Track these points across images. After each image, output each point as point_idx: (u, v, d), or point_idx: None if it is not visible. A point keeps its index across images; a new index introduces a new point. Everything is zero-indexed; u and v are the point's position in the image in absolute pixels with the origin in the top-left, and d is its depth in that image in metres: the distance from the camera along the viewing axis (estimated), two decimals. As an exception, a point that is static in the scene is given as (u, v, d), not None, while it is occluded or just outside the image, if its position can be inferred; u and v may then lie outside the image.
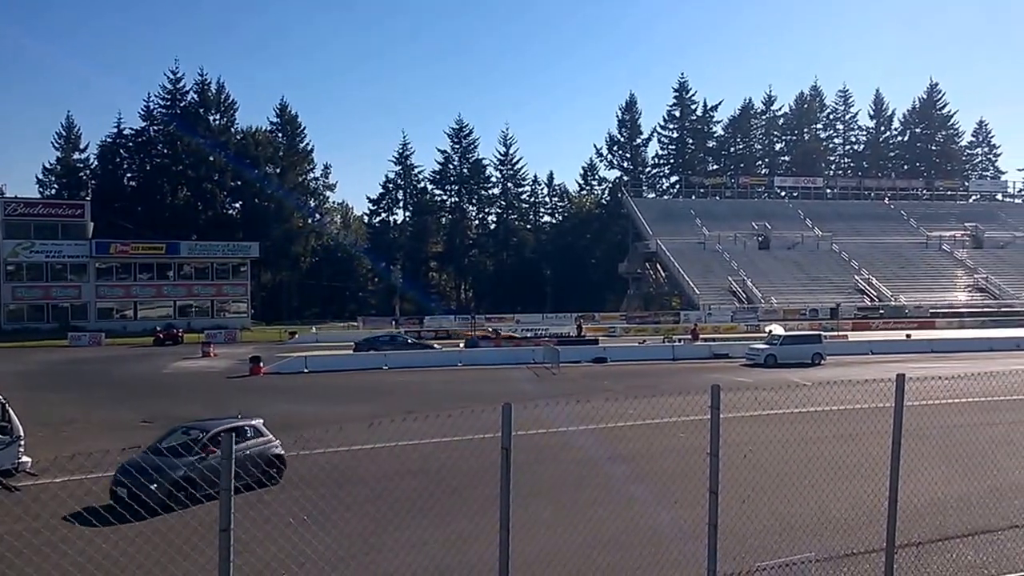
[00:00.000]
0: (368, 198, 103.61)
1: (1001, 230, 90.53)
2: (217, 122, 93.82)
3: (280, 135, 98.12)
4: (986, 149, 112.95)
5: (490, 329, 56.84)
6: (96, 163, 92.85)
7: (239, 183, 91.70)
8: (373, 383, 32.01)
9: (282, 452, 14.16)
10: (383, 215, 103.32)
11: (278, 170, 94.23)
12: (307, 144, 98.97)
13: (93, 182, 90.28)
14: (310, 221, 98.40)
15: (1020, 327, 58.37)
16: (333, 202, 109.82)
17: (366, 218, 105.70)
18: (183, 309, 71.87)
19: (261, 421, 15.08)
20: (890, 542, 7.40)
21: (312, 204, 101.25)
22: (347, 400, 26.87)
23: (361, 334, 60.36)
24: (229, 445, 4.91)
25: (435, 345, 40.07)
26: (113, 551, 9.10)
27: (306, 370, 36.28)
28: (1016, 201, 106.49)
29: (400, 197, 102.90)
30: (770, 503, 10.69)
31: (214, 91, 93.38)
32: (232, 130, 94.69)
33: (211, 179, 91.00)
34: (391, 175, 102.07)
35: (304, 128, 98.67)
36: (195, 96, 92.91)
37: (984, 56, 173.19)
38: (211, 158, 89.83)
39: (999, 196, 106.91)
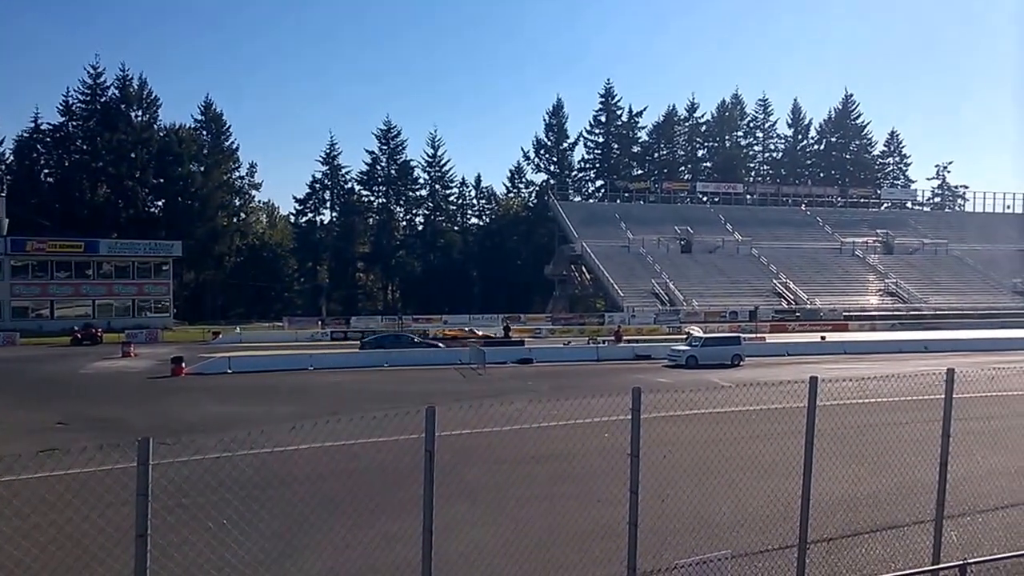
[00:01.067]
0: (295, 198, 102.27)
1: (910, 237, 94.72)
2: (139, 118, 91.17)
3: (204, 133, 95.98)
4: (897, 159, 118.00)
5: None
6: (12, 158, 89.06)
7: (162, 181, 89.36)
8: (298, 384, 31.48)
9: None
10: (310, 215, 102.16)
11: (202, 168, 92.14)
12: (232, 142, 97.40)
13: (8, 178, 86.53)
14: (235, 220, 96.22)
15: (927, 330, 61.21)
16: (259, 201, 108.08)
17: (292, 218, 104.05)
18: (102, 308, 69.37)
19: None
20: (802, 538, 7.67)
21: (237, 203, 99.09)
22: (272, 401, 26.34)
23: (286, 334, 59.45)
24: (146, 451, 4.76)
25: (440, 344, 39.94)
26: (25, 557, 8.71)
27: (230, 370, 35.46)
28: (925, 209, 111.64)
29: (327, 197, 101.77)
30: (690, 501, 10.93)
31: (136, 87, 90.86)
32: (155, 127, 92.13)
33: (132, 176, 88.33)
34: (318, 175, 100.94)
35: (229, 126, 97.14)
36: (116, 92, 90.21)
37: (896, 69, 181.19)
38: (132, 155, 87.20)
39: (909, 204, 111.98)
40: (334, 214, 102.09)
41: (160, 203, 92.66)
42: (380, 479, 13.18)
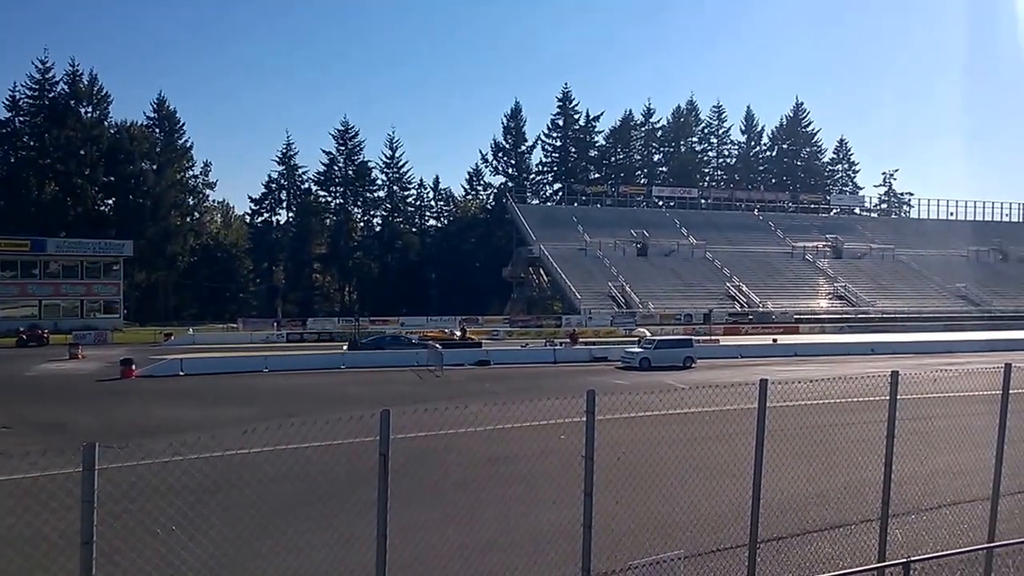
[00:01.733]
0: (250, 198, 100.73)
1: (858, 242, 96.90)
2: (89, 115, 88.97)
3: (157, 130, 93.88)
4: (846, 166, 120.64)
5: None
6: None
7: (112, 179, 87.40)
8: (253, 386, 31.01)
9: None
10: (265, 215, 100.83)
11: (154, 166, 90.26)
12: (186, 140, 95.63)
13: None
14: (188, 219, 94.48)
15: (874, 333, 62.69)
16: (213, 201, 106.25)
17: (248, 218, 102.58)
18: (49, 309, 67.55)
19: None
20: (753, 538, 7.80)
21: (191, 202, 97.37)
22: (225, 403, 25.90)
23: (241, 336, 58.55)
24: (91, 456, 4.67)
25: (437, 346, 39.63)
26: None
27: (182, 373, 34.77)
28: (872, 215, 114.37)
29: (283, 197, 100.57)
30: (644, 502, 11.04)
31: (86, 83, 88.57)
32: (105, 124, 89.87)
33: (82, 174, 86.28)
34: (274, 175, 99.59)
35: (183, 124, 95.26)
36: (65, 87, 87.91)
37: (845, 79, 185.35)
38: (82, 152, 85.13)
39: (857, 210, 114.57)
40: (290, 214, 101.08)
41: (110, 201, 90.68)
42: (335, 483, 13.06)
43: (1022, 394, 9.54)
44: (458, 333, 54.21)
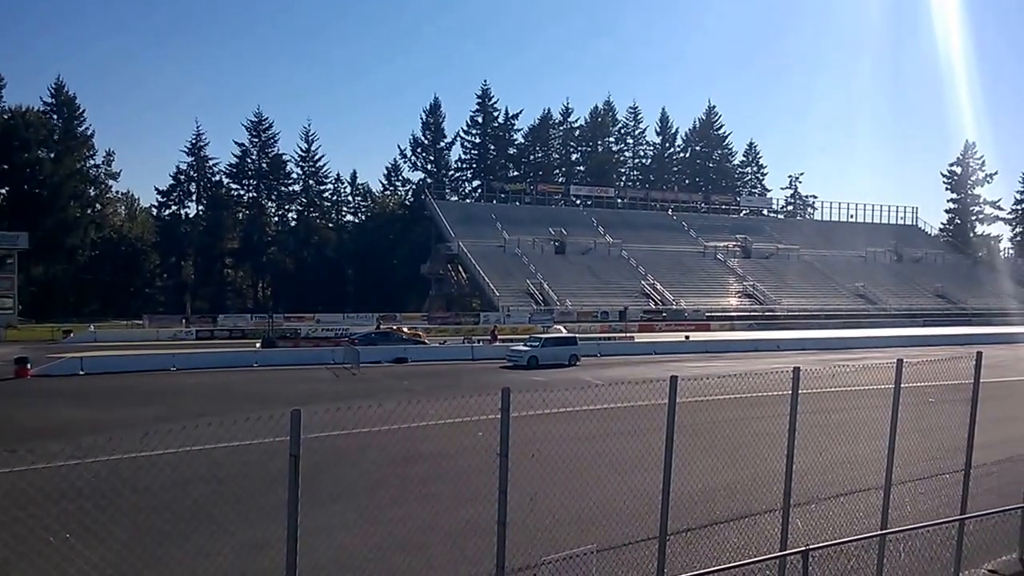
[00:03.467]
0: (157, 189, 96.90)
1: (766, 242, 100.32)
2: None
3: (55, 117, 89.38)
4: (755, 168, 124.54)
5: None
6: None
7: (6, 167, 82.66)
8: (161, 385, 29.98)
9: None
10: (173, 208, 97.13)
11: (52, 155, 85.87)
12: (87, 128, 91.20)
13: None
14: (89, 211, 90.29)
15: (780, 330, 65.10)
16: (116, 192, 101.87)
17: (154, 210, 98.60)
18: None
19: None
20: (663, 530, 8.02)
21: (92, 193, 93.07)
22: (131, 403, 24.92)
23: (147, 333, 56.45)
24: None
25: (425, 340, 38.67)
26: None
27: (82, 372, 33.31)
28: (779, 216, 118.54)
29: (192, 190, 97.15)
30: (559, 498, 11.21)
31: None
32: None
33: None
34: (183, 166, 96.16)
35: (83, 111, 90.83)
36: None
37: (755, 85, 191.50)
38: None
39: (765, 211, 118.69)
40: (200, 207, 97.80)
41: (4, 191, 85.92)
42: (245, 485, 12.78)
43: (913, 388, 10.10)
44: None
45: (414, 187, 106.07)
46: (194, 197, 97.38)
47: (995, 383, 18.84)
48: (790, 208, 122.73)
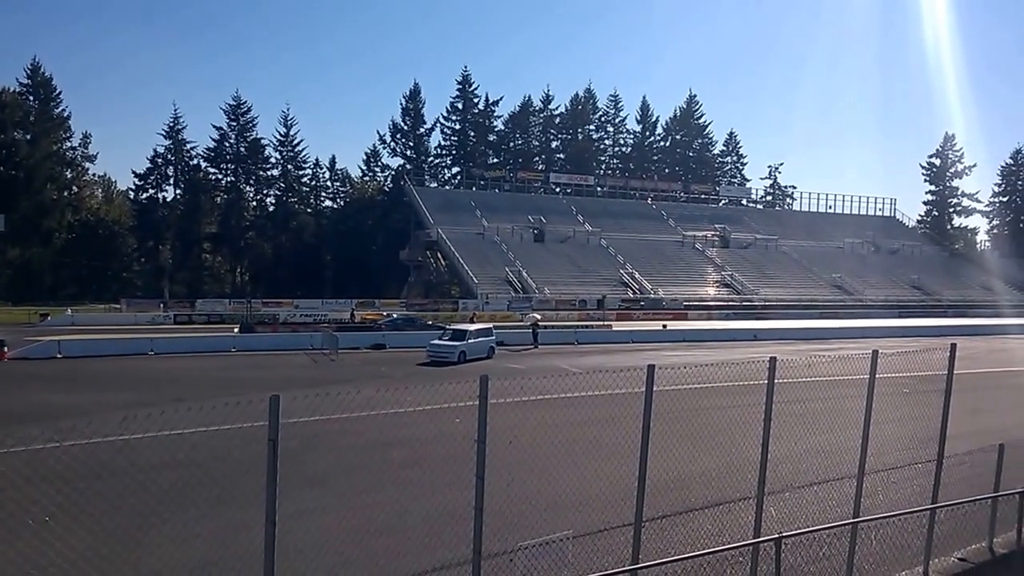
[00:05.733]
0: (134, 173, 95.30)
1: (745, 232, 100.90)
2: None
3: (31, 98, 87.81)
4: (735, 158, 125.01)
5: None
6: None
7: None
8: (139, 369, 29.75)
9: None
10: (151, 192, 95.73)
11: (28, 136, 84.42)
12: (63, 110, 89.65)
13: None
14: (66, 194, 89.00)
15: (757, 319, 65.64)
16: (93, 175, 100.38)
17: (132, 194, 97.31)
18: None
19: None
20: (638, 517, 8.09)
21: (69, 175, 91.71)
22: (108, 387, 24.74)
23: (124, 317, 55.87)
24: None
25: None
26: None
27: (59, 355, 32.97)
28: (758, 207, 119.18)
29: (170, 173, 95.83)
30: (536, 484, 11.27)
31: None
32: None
33: (-55, 142, 79.73)
34: (160, 149, 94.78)
35: (60, 92, 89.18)
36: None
37: (737, 75, 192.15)
38: (-55, 118, 78.65)
39: (744, 201, 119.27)
40: (178, 191, 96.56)
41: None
42: (224, 469, 12.74)
43: (887, 379, 10.23)
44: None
45: (393, 173, 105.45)
46: (172, 181, 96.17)
47: (969, 375, 19.15)
48: (769, 198, 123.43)
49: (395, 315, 49.63)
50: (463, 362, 32.91)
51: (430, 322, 47.30)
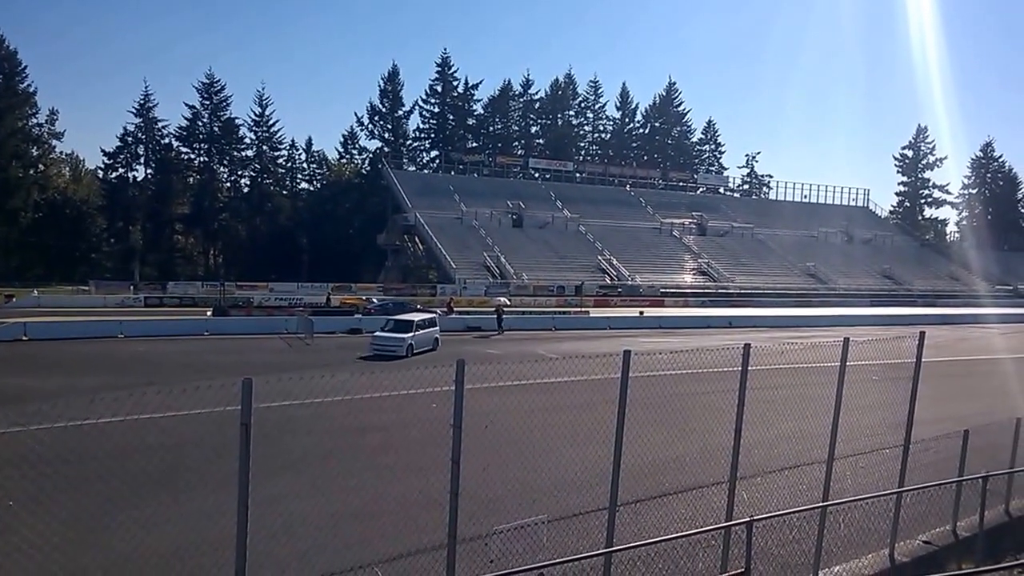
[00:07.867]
0: (103, 151, 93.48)
1: (722, 220, 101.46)
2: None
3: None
4: (713, 147, 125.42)
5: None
6: None
7: (-59, 124, 79.28)
8: (108, 352, 29.41)
9: None
10: (121, 171, 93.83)
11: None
12: (29, 85, 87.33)
13: None
14: (32, 172, 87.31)
15: (733, 307, 66.18)
16: (61, 152, 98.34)
17: (100, 173, 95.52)
18: None
19: None
20: (613, 501, 8.17)
21: (34, 153, 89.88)
22: (76, 371, 24.43)
23: (93, 299, 55.13)
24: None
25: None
26: None
27: (25, 337, 32.50)
28: (735, 195, 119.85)
29: (141, 152, 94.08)
30: (512, 469, 11.33)
31: (-93, 16, 79.68)
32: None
33: (-96, 119, 77.77)
34: (130, 127, 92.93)
35: (25, 67, 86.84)
36: None
37: (716, 63, 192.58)
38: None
39: (721, 190, 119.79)
40: (149, 171, 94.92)
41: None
42: (196, 453, 12.66)
43: (857, 366, 10.38)
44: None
45: (371, 156, 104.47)
46: (142, 160, 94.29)
47: (936, 363, 19.45)
48: (746, 187, 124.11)
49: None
50: (410, 356, 30.09)
51: (419, 306, 47.11)
